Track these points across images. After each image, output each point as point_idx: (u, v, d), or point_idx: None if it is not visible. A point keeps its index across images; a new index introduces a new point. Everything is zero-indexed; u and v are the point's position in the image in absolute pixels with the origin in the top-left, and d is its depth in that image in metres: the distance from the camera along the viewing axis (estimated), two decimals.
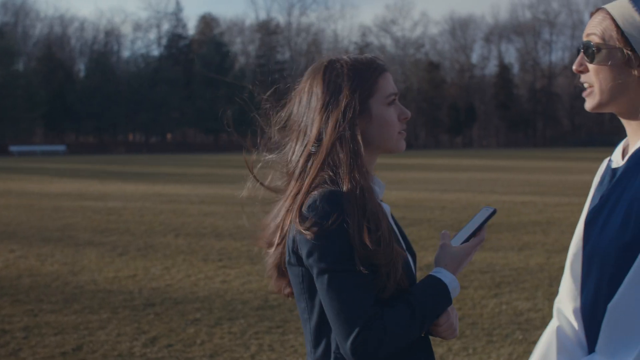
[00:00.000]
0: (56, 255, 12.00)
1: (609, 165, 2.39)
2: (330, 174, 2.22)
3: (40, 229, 15.37)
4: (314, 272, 2.16)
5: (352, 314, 2.09)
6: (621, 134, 2.38)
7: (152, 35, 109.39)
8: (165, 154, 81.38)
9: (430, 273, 2.30)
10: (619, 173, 2.26)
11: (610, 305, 2.06)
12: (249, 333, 7.38)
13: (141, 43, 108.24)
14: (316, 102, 2.31)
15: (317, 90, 2.33)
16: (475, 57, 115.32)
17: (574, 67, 2.31)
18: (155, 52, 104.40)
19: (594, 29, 2.25)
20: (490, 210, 2.44)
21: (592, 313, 2.23)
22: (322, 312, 2.22)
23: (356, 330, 2.08)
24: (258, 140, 2.59)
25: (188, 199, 22.71)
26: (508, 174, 35.83)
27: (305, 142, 2.32)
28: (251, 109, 2.59)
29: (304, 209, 2.17)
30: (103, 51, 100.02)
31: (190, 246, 12.98)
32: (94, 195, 24.21)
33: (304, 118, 2.34)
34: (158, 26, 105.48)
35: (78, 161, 58.19)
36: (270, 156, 2.52)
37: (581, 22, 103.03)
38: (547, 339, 2.55)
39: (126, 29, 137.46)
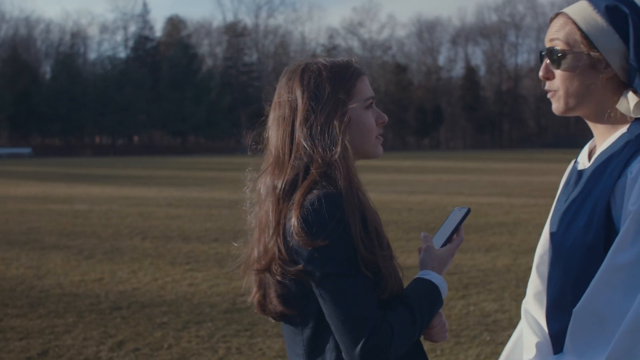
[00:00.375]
0: (21, 259, 11.87)
1: (575, 167, 2.40)
2: (324, 178, 2.16)
3: (5, 233, 15.21)
4: (316, 277, 2.09)
5: (360, 318, 2.05)
6: (587, 135, 2.39)
7: (119, 37, 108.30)
8: (132, 156, 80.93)
9: (419, 276, 2.29)
10: (585, 175, 2.28)
11: (575, 310, 2.07)
12: (217, 336, 7.35)
13: (108, 45, 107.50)
14: (298, 107, 2.25)
15: (297, 94, 2.26)
16: (442, 60, 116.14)
17: (540, 74, 2.31)
18: (122, 54, 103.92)
19: (557, 34, 2.26)
20: (465, 210, 2.44)
21: (557, 314, 2.25)
22: (318, 322, 2.17)
23: (365, 335, 2.03)
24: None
25: (155, 201, 22.59)
26: (475, 176, 36.06)
27: (291, 149, 2.24)
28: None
29: (302, 214, 2.09)
30: (69, 53, 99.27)
31: (157, 249, 12.91)
32: (60, 198, 24.01)
33: (286, 125, 2.27)
34: (125, 28, 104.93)
35: (44, 164, 57.67)
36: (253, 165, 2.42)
37: (546, 25, 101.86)
38: (514, 339, 2.56)
39: (93, 31, 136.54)
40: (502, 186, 28.41)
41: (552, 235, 2.33)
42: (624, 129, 2.23)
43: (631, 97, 2.20)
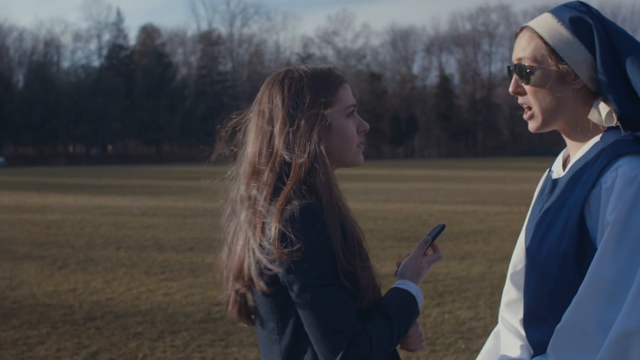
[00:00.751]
0: None
1: (549, 176, 2.42)
2: (304, 187, 2.15)
3: None
4: (295, 288, 2.09)
5: (339, 329, 2.06)
6: (560, 144, 2.43)
7: (93, 45, 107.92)
8: (106, 165, 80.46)
9: (397, 285, 2.31)
10: (559, 184, 2.29)
11: (558, 328, 2.10)
12: (192, 346, 7.32)
13: (81, 53, 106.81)
14: (278, 114, 2.23)
15: (277, 101, 2.24)
16: (416, 68, 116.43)
17: (510, 90, 2.34)
18: (96, 62, 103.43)
19: (524, 51, 2.28)
20: (439, 227, 2.49)
21: (535, 323, 2.27)
22: (295, 332, 2.17)
23: (345, 346, 2.04)
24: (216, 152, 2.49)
25: (129, 211, 22.47)
26: (449, 184, 36.17)
27: (269, 157, 2.23)
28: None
29: (282, 225, 2.08)
30: (42, 62, 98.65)
31: (131, 259, 12.84)
32: (33, 208, 23.82)
33: (265, 132, 2.25)
34: (99, 36, 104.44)
35: (17, 173, 57.16)
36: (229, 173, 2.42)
37: None
38: (491, 340, 2.58)
39: (66, 40, 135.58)
40: (477, 194, 28.52)
41: (527, 244, 2.34)
42: (597, 137, 2.26)
43: (602, 106, 2.22)
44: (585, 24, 2.21)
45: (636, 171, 2.08)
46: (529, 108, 2.32)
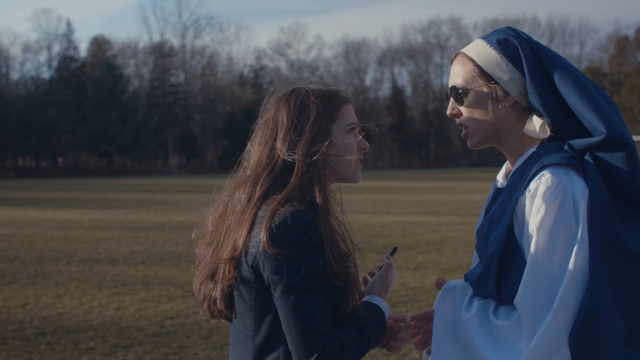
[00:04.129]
0: None
1: (495, 185, 2.59)
2: (301, 193, 2.29)
3: None
4: (278, 289, 2.19)
5: (316, 333, 2.16)
6: None
7: (43, 57, 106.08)
8: (57, 178, 79.54)
9: (368, 300, 2.46)
10: (501, 193, 2.45)
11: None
12: None
13: (31, 65, 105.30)
14: (282, 124, 2.38)
15: (283, 114, 2.39)
16: (369, 80, 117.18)
17: (448, 113, 2.53)
18: (46, 74, 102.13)
19: (458, 75, 2.45)
20: (394, 249, 2.74)
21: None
22: (271, 330, 2.27)
23: (319, 349, 2.15)
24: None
25: (81, 224, 22.23)
26: (403, 195, 36.36)
27: (270, 162, 2.36)
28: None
29: (274, 226, 2.20)
30: None
31: (83, 273, 12.69)
32: None
33: (269, 140, 2.40)
34: (49, 48, 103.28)
35: None
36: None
37: None
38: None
39: (15, 51, 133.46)
40: (430, 205, 28.71)
41: (476, 245, 2.51)
42: (533, 148, 2.41)
43: (535, 119, 2.37)
44: (511, 45, 2.38)
45: (558, 180, 2.21)
46: (466, 127, 2.47)
